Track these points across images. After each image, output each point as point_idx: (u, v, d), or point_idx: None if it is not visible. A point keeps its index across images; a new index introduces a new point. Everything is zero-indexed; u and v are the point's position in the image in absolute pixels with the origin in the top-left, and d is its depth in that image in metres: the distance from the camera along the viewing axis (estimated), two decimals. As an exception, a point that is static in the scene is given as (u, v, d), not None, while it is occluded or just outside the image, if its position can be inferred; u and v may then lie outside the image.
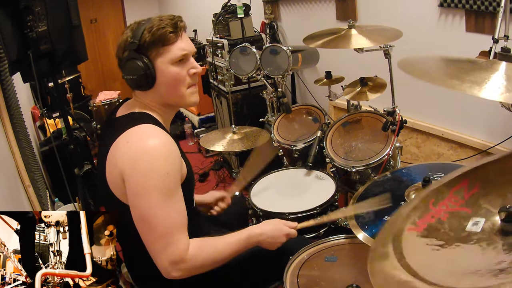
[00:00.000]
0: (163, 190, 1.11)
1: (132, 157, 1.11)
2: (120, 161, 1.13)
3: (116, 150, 1.15)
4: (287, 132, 2.22)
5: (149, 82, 1.21)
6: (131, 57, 1.19)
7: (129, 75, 1.21)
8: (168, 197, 1.12)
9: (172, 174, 1.14)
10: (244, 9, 3.15)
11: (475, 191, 0.82)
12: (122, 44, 1.23)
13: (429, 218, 0.81)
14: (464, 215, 0.79)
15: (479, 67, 0.89)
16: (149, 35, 1.18)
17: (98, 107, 4.67)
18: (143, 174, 1.10)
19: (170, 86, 1.23)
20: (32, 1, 1.85)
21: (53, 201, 2.55)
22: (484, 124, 2.05)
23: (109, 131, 1.24)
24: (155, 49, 1.19)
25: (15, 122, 2.09)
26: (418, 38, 2.16)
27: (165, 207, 1.11)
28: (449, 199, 0.83)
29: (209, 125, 4.41)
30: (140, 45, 1.18)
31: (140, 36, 1.18)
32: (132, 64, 1.19)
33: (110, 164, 1.17)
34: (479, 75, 0.85)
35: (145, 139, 1.14)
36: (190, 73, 1.25)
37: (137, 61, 1.18)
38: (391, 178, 1.53)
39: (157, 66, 1.20)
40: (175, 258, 1.12)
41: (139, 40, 1.18)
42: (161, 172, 1.11)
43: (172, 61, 1.21)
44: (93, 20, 6.39)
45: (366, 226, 1.26)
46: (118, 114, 1.29)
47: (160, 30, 1.18)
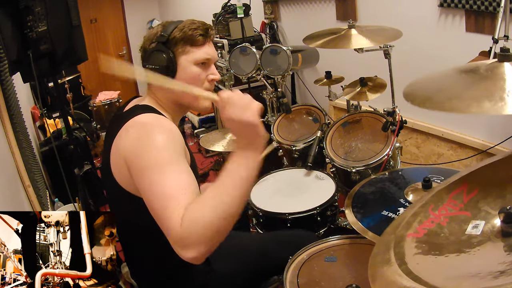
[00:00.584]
0: (164, 161, 1.03)
1: (130, 143, 1.11)
2: (122, 150, 1.12)
3: (119, 140, 1.15)
4: (287, 132, 2.22)
5: (169, 76, 1.22)
6: (157, 49, 1.22)
7: (151, 65, 1.22)
8: (168, 166, 1.02)
9: (172, 145, 1.08)
10: (244, 9, 3.15)
11: (474, 194, 0.82)
12: (151, 36, 1.25)
13: (429, 223, 0.81)
14: (464, 218, 0.79)
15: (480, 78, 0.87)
16: (180, 33, 1.21)
17: (98, 107, 4.68)
18: (141, 156, 1.05)
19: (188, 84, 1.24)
20: (32, 1, 1.85)
21: (53, 201, 2.55)
22: (484, 124, 2.05)
23: (114, 126, 1.25)
24: (182, 47, 1.22)
25: (15, 122, 2.09)
26: (418, 38, 2.16)
27: (163, 179, 1.00)
28: (448, 203, 0.83)
29: (209, 125, 4.41)
30: (169, 39, 1.21)
31: (171, 31, 1.21)
32: (157, 55, 1.21)
33: (114, 155, 1.17)
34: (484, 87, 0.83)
35: (143, 125, 1.13)
36: (209, 78, 1.27)
37: (162, 53, 1.21)
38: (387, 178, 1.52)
39: (180, 62, 1.23)
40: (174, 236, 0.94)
41: (169, 35, 1.21)
42: (161, 142, 1.06)
43: (196, 61, 1.23)
44: (93, 20, 6.38)
45: (362, 218, 1.26)
46: (126, 109, 1.30)
47: (192, 31, 1.22)
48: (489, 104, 0.74)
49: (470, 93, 0.83)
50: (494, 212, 0.76)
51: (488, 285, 0.59)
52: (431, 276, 0.66)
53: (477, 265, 0.66)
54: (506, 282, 0.58)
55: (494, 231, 0.73)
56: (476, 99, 0.78)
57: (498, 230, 0.73)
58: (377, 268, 0.74)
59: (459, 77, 0.94)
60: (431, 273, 0.67)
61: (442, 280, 0.64)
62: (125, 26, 6.64)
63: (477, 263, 0.67)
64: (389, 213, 1.26)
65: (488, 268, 0.63)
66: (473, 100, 0.78)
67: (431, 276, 0.66)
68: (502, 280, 0.59)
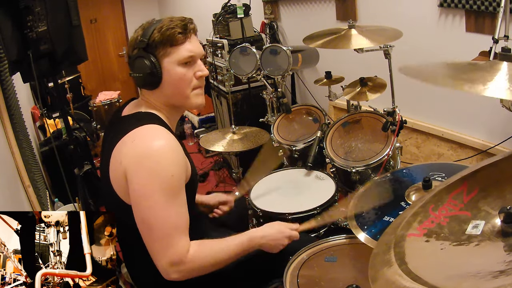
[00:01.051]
0: (166, 192, 1.11)
1: (136, 157, 1.11)
2: (125, 159, 1.13)
3: (121, 148, 1.15)
4: (287, 132, 2.22)
5: (155, 81, 1.22)
6: (139, 55, 1.20)
7: (136, 73, 1.22)
8: (171, 199, 1.12)
9: (177, 176, 1.14)
10: (244, 9, 3.15)
11: (474, 194, 0.82)
12: (132, 42, 1.24)
13: (429, 223, 0.81)
14: (464, 218, 0.79)
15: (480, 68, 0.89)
16: (158, 35, 1.19)
17: (98, 107, 4.68)
18: (147, 176, 1.10)
19: (176, 86, 1.24)
20: (32, 1, 1.85)
21: (53, 201, 2.56)
22: (484, 124, 2.05)
23: (114, 129, 1.25)
24: (163, 49, 1.20)
25: (15, 122, 2.09)
26: (418, 38, 2.16)
27: (167, 209, 1.11)
28: (448, 203, 0.83)
29: (209, 125, 4.41)
30: (149, 44, 1.19)
31: (149, 35, 1.19)
32: (139, 63, 1.20)
33: (114, 162, 1.17)
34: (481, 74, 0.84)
35: (151, 140, 1.14)
36: (197, 76, 1.25)
37: (144, 59, 1.19)
38: (391, 178, 1.52)
39: (164, 65, 1.21)
40: (175, 260, 1.12)
41: (148, 39, 1.19)
42: (165, 174, 1.11)
43: (179, 61, 1.21)
44: (93, 20, 6.38)
45: (365, 226, 1.26)
46: (124, 113, 1.30)
47: (169, 30, 1.19)
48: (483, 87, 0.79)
49: (464, 76, 0.87)
50: (494, 212, 0.76)
51: (488, 285, 0.59)
52: (431, 276, 0.66)
53: (477, 264, 0.66)
54: (506, 282, 0.58)
55: (494, 231, 0.73)
56: (469, 81, 0.82)
57: (498, 230, 0.73)
58: (378, 269, 0.74)
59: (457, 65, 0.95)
60: (431, 273, 0.67)
61: (442, 280, 0.64)
62: (125, 26, 6.64)
63: (477, 263, 0.67)
64: (391, 219, 1.26)
65: (488, 268, 0.63)
66: (465, 81, 0.81)
67: (431, 276, 0.66)
68: (502, 280, 0.59)
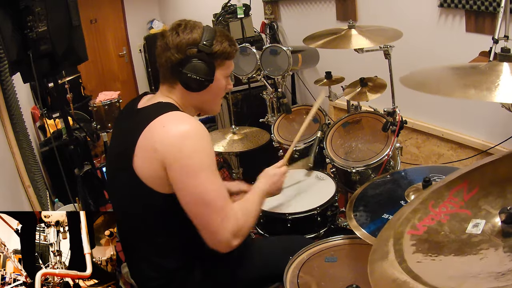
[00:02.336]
0: (211, 167, 1.17)
1: (174, 141, 1.14)
2: (161, 145, 1.14)
3: (152, 135, 1.16)
4: (287, 132, 2.22)
5: (203, 86, 1.26)
6: (201, 59, 1.23)
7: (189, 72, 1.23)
8: (215, 172, 1.19)
9: (213, 152, 1.21)
10: (244, 9, 3.15)
11: (475, 192, 0.82)
12: (190, 41, 1.23)
13: (429, 220, 0.81)
14: (464, 217, 0.79)
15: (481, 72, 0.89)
16: (221, 47, 1.26)
17: (98, 108, 4.65)
18: (191, 156, 1.14)
19: (215, 95, 1.34)
20: (32, 1, 1.85)
21: (53, 201, 2.55)
22: (484, 124, 2.05)
23: (132, 121, 1.26)
24: (221, 60, 1.28)
25: (15, 122, 2.09)
26: (418, 39, 2.16)
27: (216, 182, 1.17)
28: (448, 200, 0.83)
29: (209, 125, 4.41)
30: (213, 52, 1.25)
31: (211, 43, 1.24)
32: (198, 65, 1.23)
33: (144, 151, 1.16)
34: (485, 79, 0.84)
35: (184, 123, 1.18)
36: (227, 89, 1.36)
37: (205, 64, 1.23)
38: (390, 179, 1.52)
39: (216, 75, 1.28)
40: (235, 228, 1.17)
41: (212, 46, 1.24)
42: (206, 151, 1.17)
43: (226, 75, 1.32)
44: (93, 20, 6.37)
45: (364, 224, 1.26)
46: (141, 106, 1.30)
47: (231, 47, 1.29)
48: (474, 92, 0.80)
49: (461, 81, 0.88)
50: (494, 212, 0.76)
51: (488, 286, 0.59)
52: (430, 274, 0.66)
53: (477, 265, 0.66)
54: (506, 283, 0.58)
55: (494, 231, 0.73)
56: (464, 87, 0.83)
57: (498, 230, 0.72)
58: (376, 263, 0.74)
59: (457, 70, 0.95)
60: (431, 273, 0.67)
61: (441, 279, 0.64)
62: (125, 26, 6.63)
63: (477, 263, 0.67)
64: (390, 216, 1.26)
65: (488, 269, 0.63)
66: (460, 87, 0.82)
67: (430, 275, 0.66)
68: (502, 281, 0.59)
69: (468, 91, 0.81)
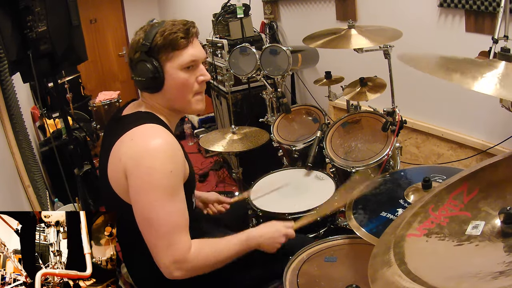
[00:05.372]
0: (166, 189, 1.11)
1: (136, 154, 1.12)
2: (124, 157, 1.13)
3: (120, 146, 1.16)
4: (286, 132, 2.22)
5: (157, 85, 1.22)
6: (141, 59, 1.20)
7: (138, 77, 1.22)
8: (171, 196, 1.13)
9: (175, 173, 1.14)
10: (244, 9, 3.15)
11: (474, 194, 0.82)
12: (134, 45, 1.24)
13: (429, 223, 0.81)
14: (464, 218, 0.79)
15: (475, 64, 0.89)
16: (161, 39, 1.19)
17: (98, 107, 4.67)
18: (146, 173, 1.11)
19: (178, 91, 1.24)
20: (32, 1, 1.85)
21: (53, 201, 2.56)
22: (484, 124, 2.05)
23: (113, 128, 1.25)
24: (166, 53, 1.20)
25: (15, 122, 2.09)
26: (418, 38, 2.15)
27: (168, 206, 1.12)
28: (448, 204, 0.83)
29: (208, 125, 4.41)
30: (152, 47, 1.19)
31: (152, 38, 1.19)
32: (142, 66, 1.20)
33: (113, 161, 1.17)
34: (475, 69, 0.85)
35: (150, 138, 1.14)
36: (199, 80, 1.26)
37: (147, 63, 1.19)
38: (389, 179, 1.52)
39: (166, 70, 1.21)
40: (177, 258, 1.13)
41: (151, 42, 1.19)
42: (164, 171, 1.11)
43: (181, 66, 1.22)
44: (93, 20, 6.38)
45: (364, 224, 1.26)
46: (124, 113, 1.30)
47: (172, 35, 1.19)
48: (459, 77, 0.81)
49: (450, 66, 0.88)
50: (494, 213, 0.76)
51: (487, 286, 0.59)
52: (430, 276, 0.66)
53: (476, 265, 0.66)
54: (506, 283, 0.58)
55: (494, 232, 0.73)
56: (450, 70, 0.84)
57: (498, 231, 0.73)
58: (377, 269, 0.74)
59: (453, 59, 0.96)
60: (431, 273, 0.67)
61: (441, 280, 0.64)
62: (125, 26, 6.64)
63: (476, 264, 0.67)
64: (388, 215, 1.26)
65: (488, 269, 0.63)
66: (445, 70, 0.84)
67: (430, 276, 0.66)
68: (501, 280, 0.59)
69: (453, 74, 0.81)
